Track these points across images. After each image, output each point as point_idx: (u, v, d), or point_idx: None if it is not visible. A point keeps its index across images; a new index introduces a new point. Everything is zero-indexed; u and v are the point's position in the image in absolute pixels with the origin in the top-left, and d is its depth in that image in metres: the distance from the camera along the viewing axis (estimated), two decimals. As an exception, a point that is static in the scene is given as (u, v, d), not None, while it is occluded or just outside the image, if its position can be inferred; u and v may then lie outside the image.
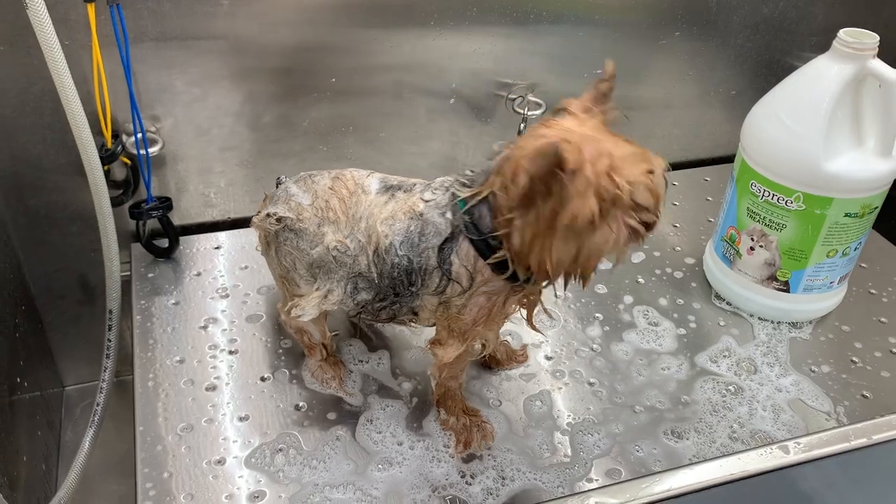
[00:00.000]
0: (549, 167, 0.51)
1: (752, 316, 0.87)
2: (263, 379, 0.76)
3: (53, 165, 0.85)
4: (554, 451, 0.70)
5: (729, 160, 0.88)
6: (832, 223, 0.78)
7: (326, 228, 0.65)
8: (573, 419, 0.74)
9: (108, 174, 0.81)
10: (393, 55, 0.91)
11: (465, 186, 0.61)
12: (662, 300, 0.88)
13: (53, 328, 0.97)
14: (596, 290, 0.89)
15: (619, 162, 0.53)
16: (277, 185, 0.70)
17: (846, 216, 0.78)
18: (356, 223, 0.64)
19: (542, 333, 0.80)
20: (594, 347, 0.82)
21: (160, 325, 0.81)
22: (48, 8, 0.67)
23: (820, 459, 0.58)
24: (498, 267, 0.60)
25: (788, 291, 0.84)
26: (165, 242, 0.90)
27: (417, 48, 0.91)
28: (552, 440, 0.71)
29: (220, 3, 0.81)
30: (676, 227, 1.00)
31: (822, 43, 0.78)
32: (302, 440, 0.70)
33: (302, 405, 0.73)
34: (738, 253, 0.85)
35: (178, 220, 0.92)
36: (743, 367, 0.80)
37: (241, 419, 0.72)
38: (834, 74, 0.75)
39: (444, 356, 0.66)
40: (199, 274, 0.88)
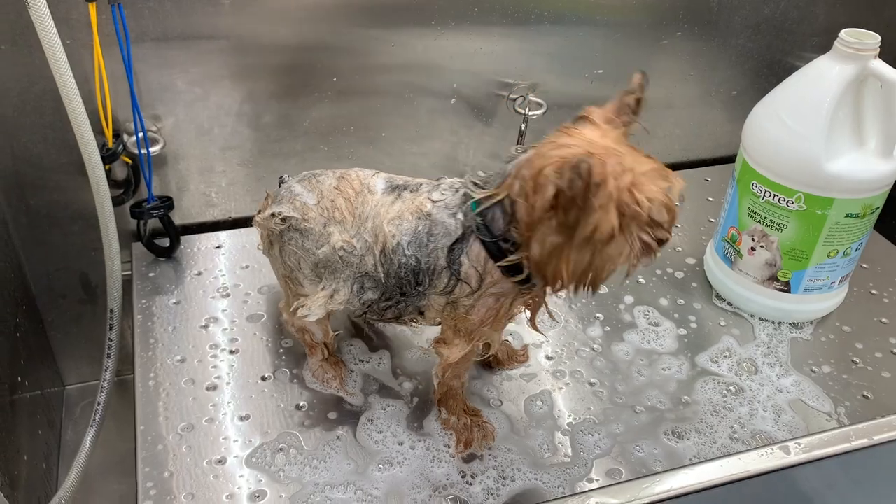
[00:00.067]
0: (581, 186, 0.51)
1: (752, 316, 0.87)
2: (264, 378, 0.76)
3: (55, 164, 0.85)
4: (554, 451, 0.70)
5: (730, 160, 0.88)
6: (833, 223, 0.78)
7: (332, 228, 0.65)
8: (574, 419, 0.74)
9: (109, 173, 0.81)
10: (394, 55, 0.91)
11: (478, 188, 0.61)
12: (663, 300, 0.88)
13: (54, 327, 0.97)
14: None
15: (640, 178, 0.53)
16: (280, 183, 0.70)
17: (847, 216, 0.78)
18: (362, 223, 0.64)
19: (543, 334, 0.80)
20: (595, 347, 0.82)
21: (161, 324, 0.81)
22: (50, 7, 0.67)
23: (821, 460, 0.58)
24: (508, 269, 0.60)
25: (789, 292, 0.83)
26: (166, 242, 0.90)
27: (419, 48, 0.91)
28: (553, 440, 0.71)
29: (221, 2, 0.81)
30: (677, 227, 1.00)
31: (823, 43, 0.78)
32: (303, 440, 0.70)
33: (303, 405, 0.73)
34: (738, 253, 0.85)
35: (178, 219, 0.92)
36: (744, 367, 0.80)
37: (241, 419, 0.72)
38: (835, 75, 0.75)
39: (449, 356, 0.66)
40: (199, 273, 0.88)
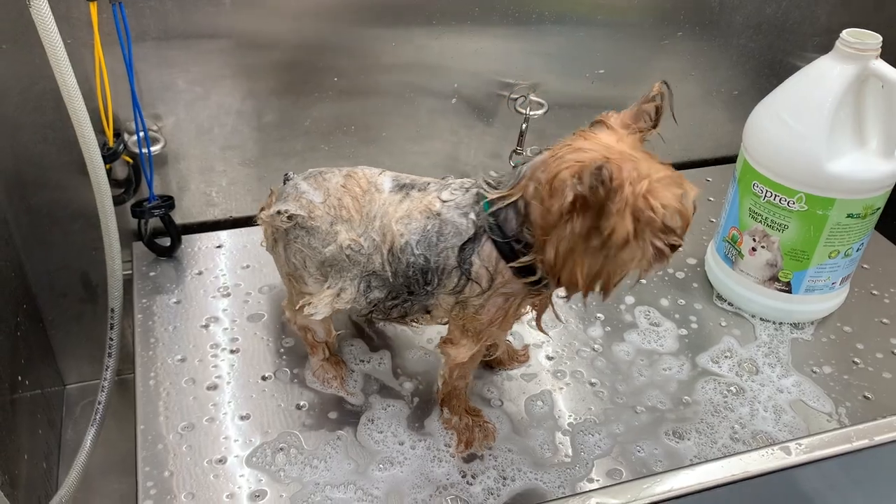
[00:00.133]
0: (595, 187, 0.51)
1: (753, 316, 0.87)
2: (265, 378, 0.76)
3: (55, 164, 0.85)
4: (555, 451, 0.70)
5: (731, 160, 0.88)
6: (834, 224, 0.78)
7: (339, 227, 0.64)
8: (574, 419, 0.74)
9: (109, 173, 0.81)
10: (395, 55, 0.90)
11: (491, 188, 0.61)
12: (664, 301, 0.88)
13: (55, 326, 0.97)
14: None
15: (655, 185, 0.53)
16: (285, 181, 0.70)
17: (848, 217, 0.78)
18: (370, 222, 0.64)
19: (546, 334, 0.80)
20: (595, 348, 0.82)
21: (162, 323, 0.81)
22: (51, 6, 0.67)
23: (822, 461, 0.58)
24: (519, 270, 0.60)
25: (790, 292, 0.83)
26: (167, 241, 0.90)
27: (419, 48, 0.91)
28: (553, 440, 0.71)
29: (222, 2, 0.81)
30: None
31: (824, 43, 0.78)
32: (303, 439, 0.70)
33: (303, 404, 0.73)
34: (739, 253, 0.85)
35: (179, 218, 0.92)
36: (744, 367, 0.80)
37: (242, 418, 0.72)
38: (836, 75, 0.75)
39: (457, 356, 0.66)
40: (200, 273, 0.88)
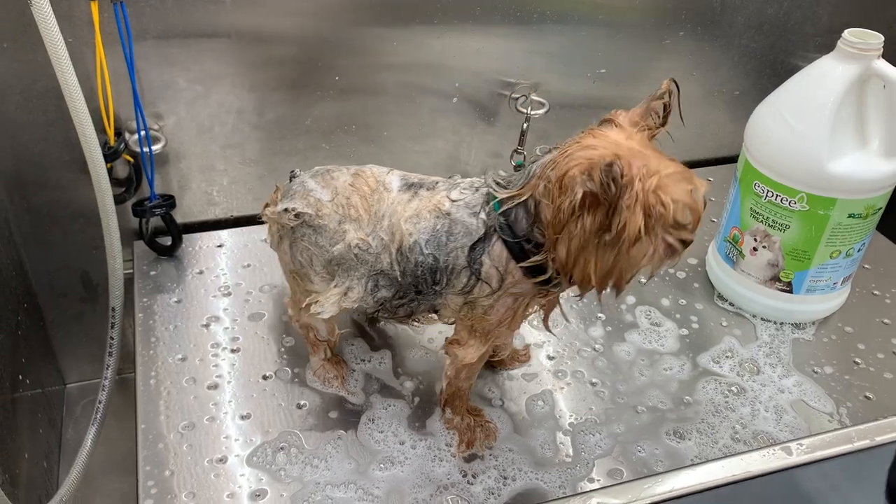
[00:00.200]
0: (606, 184, 0.51)
1: (754, 316, 0.87)
2: (265, 377, 0.76)
3: (56, 163, 0.85)
4: (556, 450, 0.70)
5: (732, 160, 0.88)
6: (836, 224, 0.78)
7: (348, 226, 0.64)
8: (575, 419, 0.74)
9: (110, 172, 0.81)
10: (396, 54, 0.90)
11: (500, 187, 0.60)
12: (665, 300, 0.88)
13: (55, 325, 0.97)
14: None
15: (665, 180, 0.53)
16: (291, 178, 0.70)
17: (850, 217, 0.78)
18: (379, 221, 0.64)
19: (553, 333, 0.80)
20: (596, 347, 0.82)
21: (162, 322, 0.81)
22: (52, 5, 0.67)
23: (823, 461, 0.58)
24: (530, 270, 0.60)
25: (791, 292, 0.83)
26: (168, 240, 0.90)
27: (421, 47, 0.91)
28: (554, 440, 0.71)
29: (222, 0, 0.81)
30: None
31: (826, 43, 0.78)
32: (303, 439, 0.70)
33: (304, 404, 0.73)
34: (741, 253, 0.85)
35: (180, 217, 0.92)
36: (745, 367, 0.80)
37: (242, 418, 0.72)
38: (838, 75, 0.75)
39: (464, 357, 0.66)
40: (201, 272, 0.88)
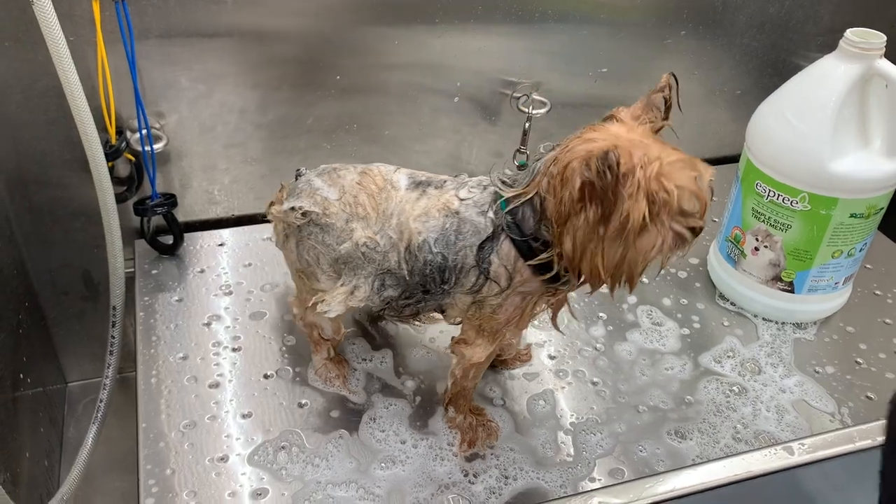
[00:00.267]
0: (611, 178, 0.51)
1: (756, 316, 0.87)
2: (266, 376, 0.76)
3: (58, 161, 0.85)
4: (557, 450, 0.70)
5: (734, 160, 0.88)
6: (837, 224, 0.78)
7: (355, 224, 0.64)
8: (576, 419, 0.73)
9: (112, 170, 0.81)
10: (398, 53, 0.90)
11: (506, 186, 0.60)
12: (666, 300, 0.88)
13: (57, 324, 0.97)
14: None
15: (667, 167, 0.53)
16: (297, 176, 0.69)
17: (852, 217, 0.78)
18: (387, 219, 0.63)
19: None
20: (597, 347, 0.82)
21: (163, 321, 0.81)
22: (53, 3, 0.67)
23: (825, 461, 0.58)
24: (538, 268, 0.60)
25: (793, 292, 0.83)
26: (170, 239, 0.90)
27: (422, 46, 0.91)
28: (555, 439, 0.71)
29: (224, 0, 0.81)
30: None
31: (828, 42, 0.78)
32: (305, 438, 0.70)
33: (305, 403, 0.73)
34: (742, 253, 0.85)
35: (181, 216, 0.92)
36: (747, 367, 0.80)
37: (243, 416, 0.72)
38: (840, 74, 0.75)
39: (472, 356, 0.66)
40: (202, 271, 0.88)
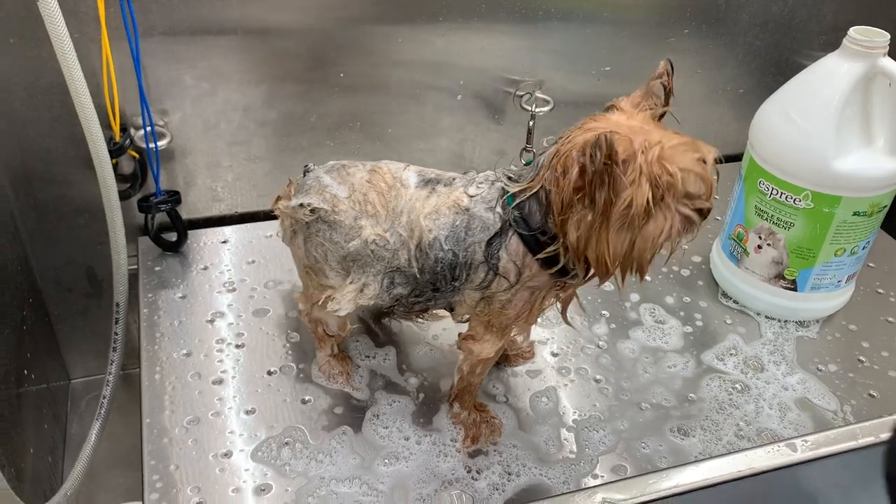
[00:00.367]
0: (601, 158, 0.51)
1: (758, 314, 0.87)
2: (270, 373, 0.76)
3: (62, 158, 0.85)
4: (560, 447, 0.70)
5: (737, 158, 0.88)
6: (840, 222, 0.78)
7: (364, 222, 0.64)
8: (579, 416, 0.74)
9: (116, 167, 0.81)
10: (401, 51, 0.91)
11: (512, 181, 0.61)
12: (669, 298, 0.88)
13: (60, 321, 0.97)
14: (602, 287, 0.89)
15: (669, 151, 0.53)
16: (305, 173, 0.69)
17: (855, 215, 0.78)
18: (397, 217, 0.63)
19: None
20: (600, 345, 0.82)
21: (167, 318, 0.81)
22: (58, 0, 0.67)
23: (827, 458, 0.58)
24: (546, 262, 0.60)
25: (796, 290, 0.83)
26: (173, 236, 0.90)
27: (426, 45, 0.91)
28: (558, 436, 0.71)
29: (229, -3, 0.81)
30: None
31: (831, 41, 0.78)
32: (308, 434, 0.70)
33: (308, 399, 0.73)
34: (745, 251, 0.85)
35: (185, 213, 0.93)
36: (749, 365, 0.80)
37: (247, 413, 0.72)
38: (844, 73, 0.75)
39: (480, 352, 0.66)
40: (206, 268, 0.88)
